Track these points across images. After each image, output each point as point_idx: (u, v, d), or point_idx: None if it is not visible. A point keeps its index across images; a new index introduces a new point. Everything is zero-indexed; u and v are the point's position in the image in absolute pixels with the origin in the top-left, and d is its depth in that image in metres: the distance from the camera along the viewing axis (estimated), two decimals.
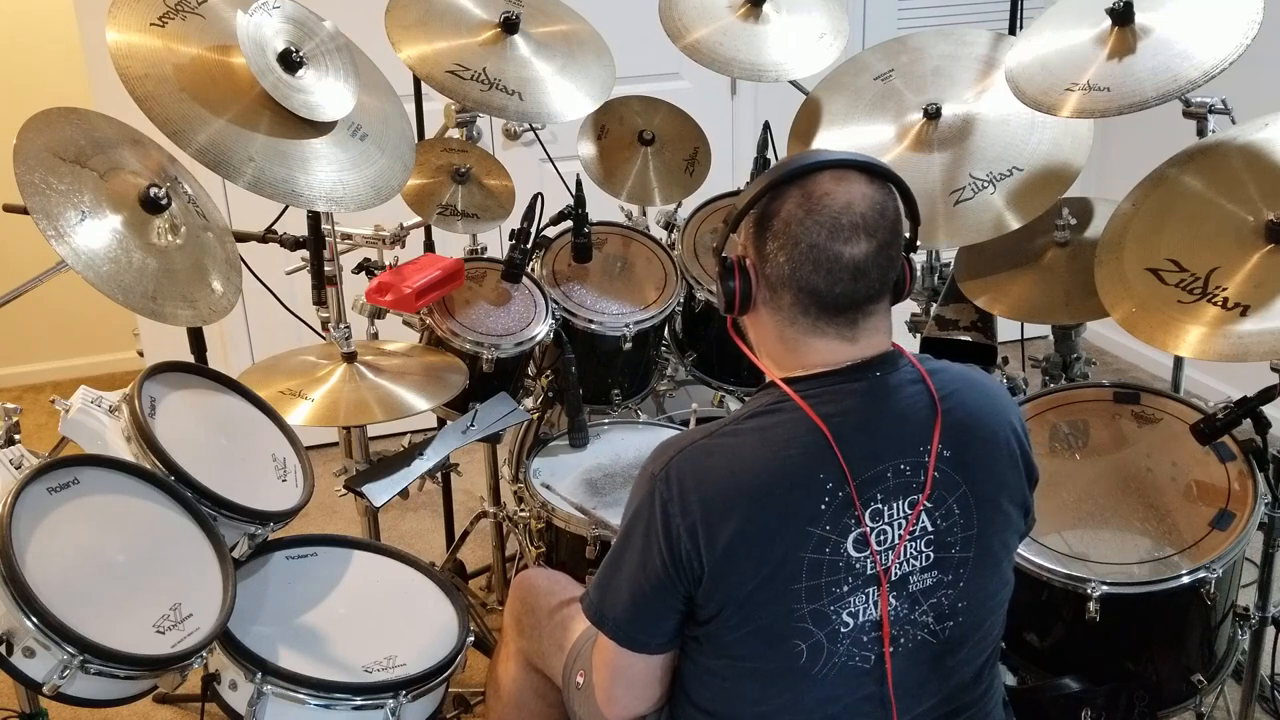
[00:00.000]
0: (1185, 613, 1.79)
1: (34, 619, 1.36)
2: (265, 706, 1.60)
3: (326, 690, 1.62)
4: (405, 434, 2.73)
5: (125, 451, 1.61)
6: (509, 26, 2.30)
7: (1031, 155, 2.13)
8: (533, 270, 2.43)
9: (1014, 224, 2.07)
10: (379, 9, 2.22)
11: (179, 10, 1.77)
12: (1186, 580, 1.72)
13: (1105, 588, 1.72)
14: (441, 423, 2.36)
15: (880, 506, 1.31)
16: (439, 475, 2.66)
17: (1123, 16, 1.91)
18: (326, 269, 2.15)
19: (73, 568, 1.46)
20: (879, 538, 1.31)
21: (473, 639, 1.82)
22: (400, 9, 2.24)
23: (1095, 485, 1.91)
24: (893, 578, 1.33)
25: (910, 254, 1.39)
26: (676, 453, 1.33)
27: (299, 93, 1.81)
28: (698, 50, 2.38)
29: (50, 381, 4.09)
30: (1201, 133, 1.99)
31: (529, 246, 2.29)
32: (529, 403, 2.43)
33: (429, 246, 2.58)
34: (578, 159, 2.59)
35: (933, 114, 2.22)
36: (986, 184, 2.12)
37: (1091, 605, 1.71)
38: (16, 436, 1.62)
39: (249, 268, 2.03)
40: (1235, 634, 1.91)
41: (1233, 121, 1.93)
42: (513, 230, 2.29)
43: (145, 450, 1.61)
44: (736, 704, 1.38)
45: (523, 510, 2.30)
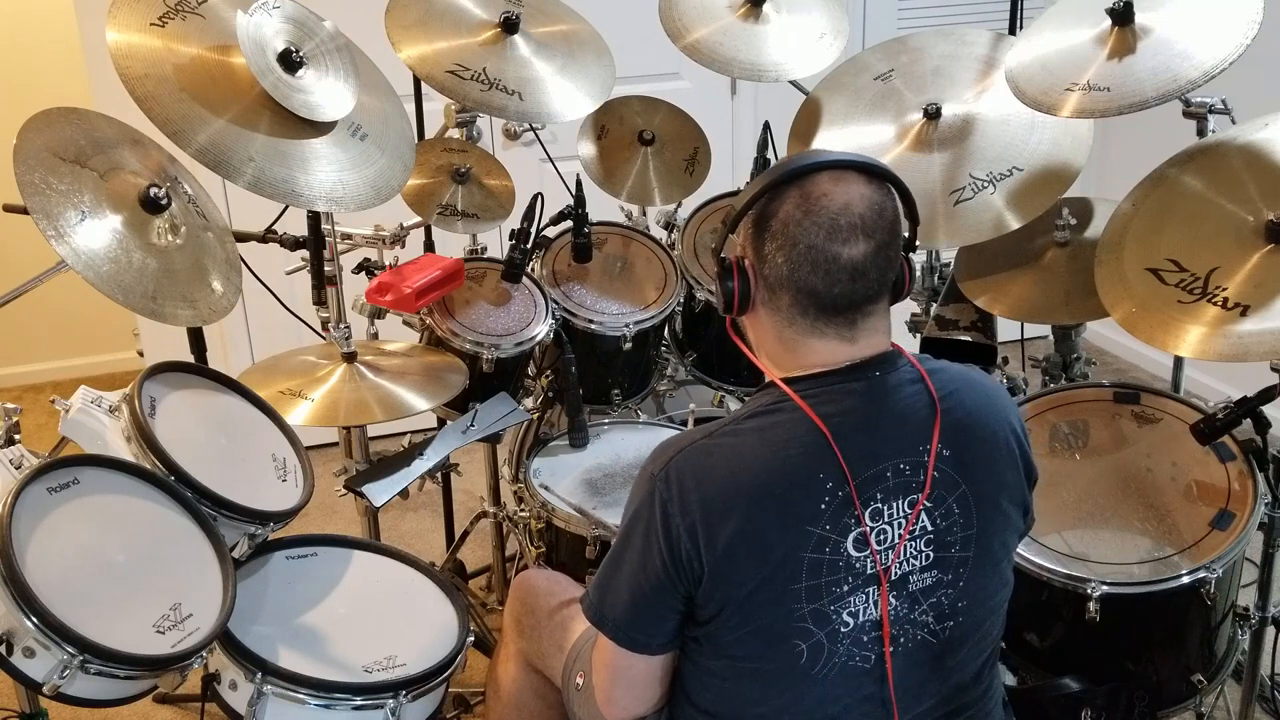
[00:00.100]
0: (1185, 613, 1.79)
1: (34, 619, 1.36)
2: (265, 706, 1.60)
3: (326, 690, 1.62)
4: (405, 434, 2.73)
5: (125, 451, 1.61)
6: (509, 26, 2.30)
7: (1031, 155, 2.13)
8: (533, 270, 2.43)
9: (1014, 224, 2.07)
10: (379, 9, 2.22)
11: (179, 10, 1.77)
12: (1186, 580, 1.72)
13: (1105, 588, 1.72)
14: (441, 423, 2.36)
15: (880, 506, 1.31)
16: (439, 475, 2.66)
17: (1123, 16, 1.91)
18: (326, 269, 2.15)
19: (73, 568, 1.46)
20: (879, 537, 1.31)
21: (473, 639, 1.82)
22: (400, 9, 2.24)
23: (1095, 485, 1.91)
24: (893, 577, 1.33)
25: (909, 254, 1.39)
26: (676, 453, 1.33)
27: (299, 93, 1.81)
28: (698, 50, 2.38)
29: (50, 381, 4.09)
30: (1201, 133, 1.99)
31: (529, 246, 2.29)
32: (529, 403, 2.43)
33: (429, 246, 2.58)
34: (578, 159, 2.59)
35: (933, 114, 2.22)
36: (986, 184, 2.12)
37: (1091, 605, 1.71)
38: (16, 436, 1.62)
39: (249, 268, 2.03)
40: (1235, 634, 1.91)
41: (1233, 121, 1.93)
42: (513, 230, 2.29)
43: (145, 450, 1.61)
44: (737, 704, 1.38)
45: (523, 510, 2.30)
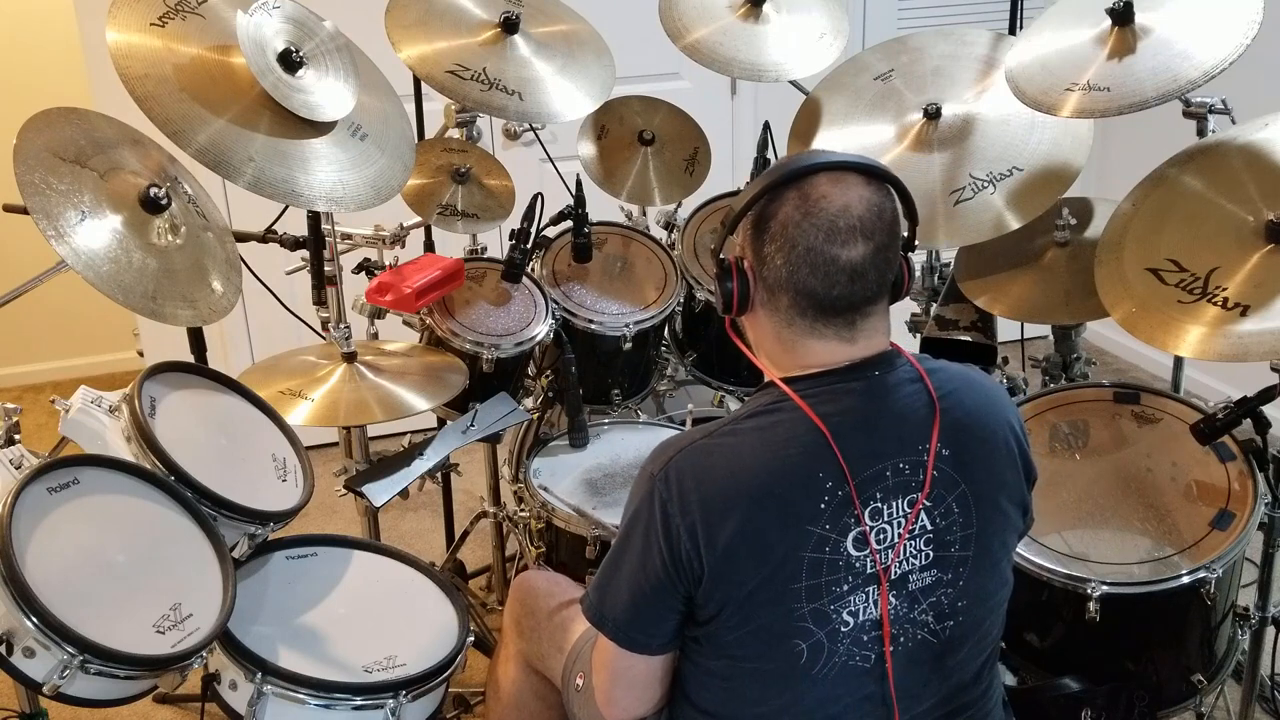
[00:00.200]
0: (1185, 613, 1.79)
1: (34, 619, 1.36)
2: (265, 706, 1.60)
3: (326, 690, 1.62)
4: (405, 434, 2.73)
5: (125, 451, 1.61)
6: (509, 26, 2.30)
7: (1031, 155, 2.13)
8: (533, 270, 2.43)
9: (1014, 224, 2.07)
10: (379, 9, 2.22)
11: (179, 10, 1.77)
12: (1186, 580, 1.72)
13: (1105, 588, 1.72)
14: (441, 423, 2.36)
15: (879, 505, 1.31)
16: (439, 475, 2.66)
17: (1123, 16, 1.91)
18: (326, 269, 2.15)
19: (73, 568, 1.46)
20: (878, 536, 1.31)
21: (473, 639, 1.82)
22: (400, 9, 2.24)
23: (1095, 485, 1.91)
24: (892, 576, 1.33)
25: (908, 254, 1.39)
26: (676, 453, 1.33)
27: (299, 93, 1.81)
28: (698, 50, 2.38)
29: (50, 381, 4.09)
30: (1201, 133, 1.99)
31: (529, 246, 2.29)
32: (529, 403, 2.43)
33: (429, 246, 2.58)
34: (578, 159, 2.59)
35: (933, 114, 2.22)
36: (986, 184, 2.12)
37: (1091, 605, 1.71)
38: (16, 436, 1.62)
39: (249, 268, 2.03)
40: (1235, 634, 1.91)
41: (1233, 121, 1.93)
42: (513, 230, 2.29)
43: (145, 450, 1.61)
44: (737, 705, 1.38)
45: (523, 510, 2.30)
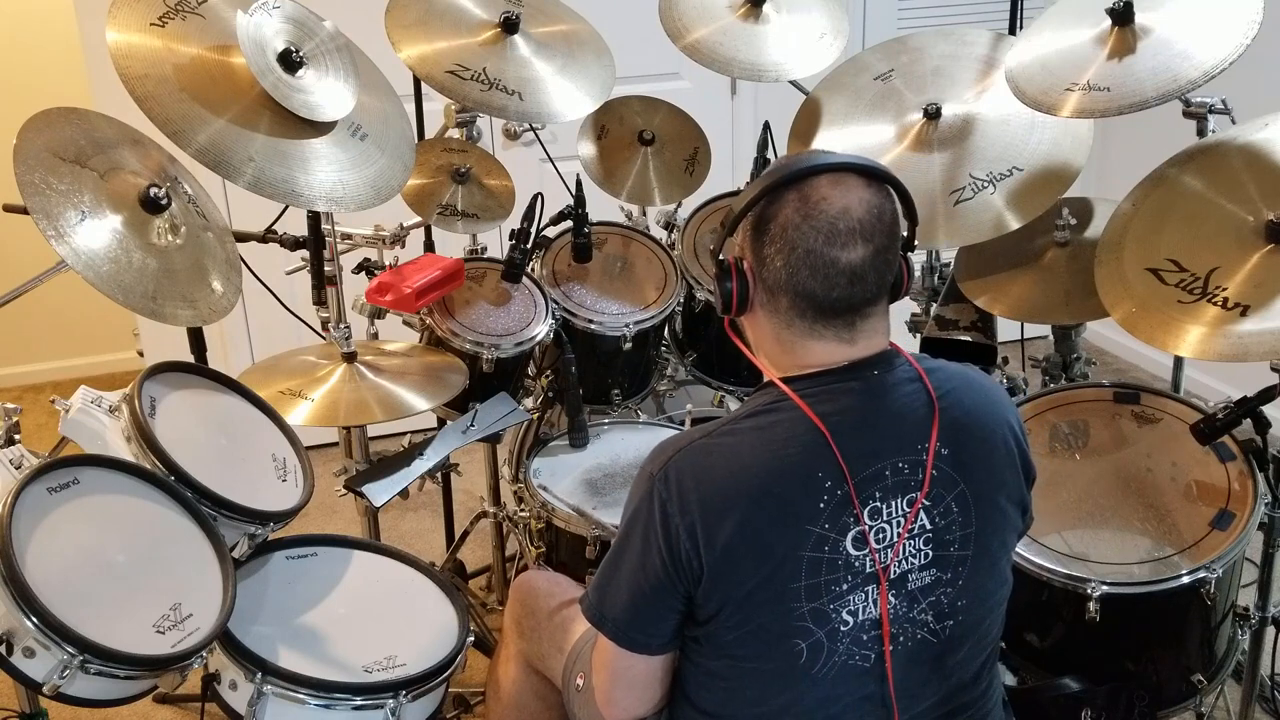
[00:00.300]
0: (1185, 613, 1.79)
1: (34, 619, 1.36)
2: (265, 706, 1.60)
3: (326, 690, 1.62)
4: (405, 434, 2.73)
5: (125, 451, 1.61)
6: (509, 26, 2.30)
7: (1031, 155, 2.13)
8: (533, 270, 2.43)
9: (1014, 224, 2.07)
10: (379, 9, 2.22)
11: (179, 10, 1.77)
12: (1186, 580, 1.72)
13: (1105, 588, 1.72)
14: (441, 423, 2.36)
15: (879, 505, 1.31)
16: (439, 475, 2.66)
17: (1123, 16, 1.91)
18: (326, 269, 2.15)
19: (73, 568, 1.46)
20: (877, 536, 1.31)
21: (473, 639, 1.82)
22: (400, 9, 2.24)
23: (1095, 485, 1.91)
24: (891, 576, 1.33)
25: (908, 253, 1.39)
26: (675, 452, 1.33)
27: (299, 93, 1.81)
28: (698, 50, 2.38)
29: (50, 381, 4.09)
30: (1201, 133, 1.99)
31: (529, 246, 2.29)
32: (529, 403, 2.43)
33: (429, 246, 2.58)
34: (578, 159, 2.59)
35: (933, 114, 2.22)
36: (986, 184, 2.12)
37: (1091, 605, 1.71)
38: (16, 436, 1.62)
39: (249, 268, 2.03)
40: (1235, 634, 1.90)
41: (1233, 121, 1.93)
42: (513, 230, 2.29)
43: (145, 450, 1.61)
44: (737, 705, 1.38)
45: (523, 510, 2.30)
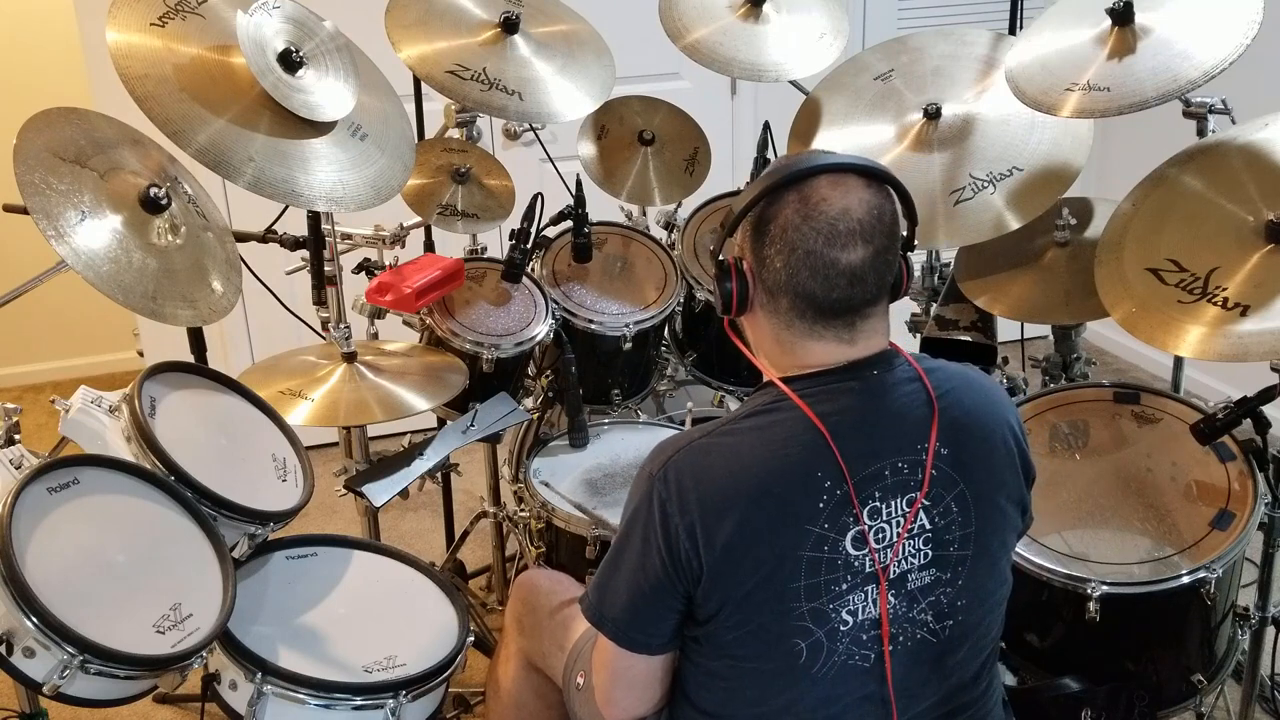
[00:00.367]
0: (1185, 613, 1.79)
1: (34, 619, 1.36)
2: (265, 706, 1.60)
3: (326, 690, 1.62)
4: (405, 434, 2.73)
5: (125, 451, 1.61)
6: (509, 26, 2.30)
7: (1031, 155, 2.13)
8: (533, 270, 2.43)
9: (1014, 224, 2.07)
10: (379, 9, 2.22)
11: (179, 10, 1.77)
12: (1186, 580, 1.72)
13: (1105, 588, 1.72)
14: (441, 423, 2.36)
15: (878, 504, 1.31)
16: (439, 475, 2.66)
17: (1123, 16, 1.91)
18: (326, 269, 2.15)
19: (73, 568, 1.46)
20: (877, 536, 1.31)
21: (473, 639, 1.82)
22: (400, 9, 2.24)
23: (1095, 485, 1.91)
24: (891, 576, 1.33)
25: (908, 253, 1.39)
26: (675, 452, 1.33)
27: (299, 93, 1.81)
28: (698, 50, 2.38)
29: (50, 381, 4.09)
30: (1201, 133, 1.99)
31: (529, 246, 2.29)
32: (529, 403, 2.43)
33: (429, 246, 2.58)
34: (578, 159, 2.59)
35: (933, 114, 2.22)
36: (986, 184, 2.12)
37: (1091, 605, 1.71)
38: (16, 436, 1.62)
39: (249, 268, 2.03)
40: (1235, 634, 1.90)
41: (1233, 121, 1.93)
42: (513, 230, 2.29)
43: (145, 450, 1.61)
44: (736, 705, 1.38)
45: (523, 510, 2.30)
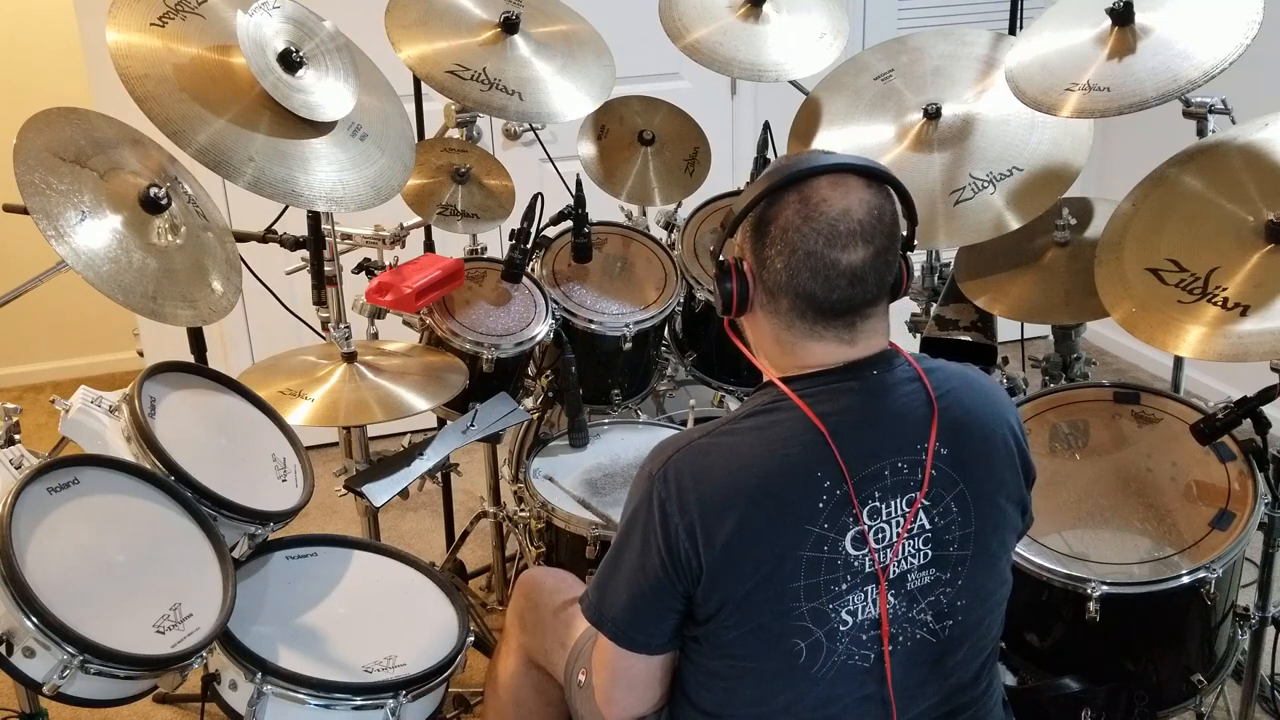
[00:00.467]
0: (1185, 613, 1.79)
1: (34, 619, 1.36)
2: (265, 706, 1.60)
3: (326, 690, 1.62)
4: (405, 434, 2.73)
5: (125, 451, 1.61)
6: (509, 26, 2.30)
7: (1031, 155, 2.13)
8: (533, 270, 2.43)
9: (1014, 224, 2.07)
10: (379, 9, 2.22)
11: (179, 10, 1.77)
12: (1186, 580, 1.72)
13: (1105, 588, 1.72)
14: (441, 423, 2.36)
15: (878, 504, 1.31)
16: (439, 475, 2.66)
17: (1123, 16, 1.91)
18: (326, 269, 2.15)
19: (73, 568, 1.46)
20: (877, 536, 1.31)
21: (473, 639, 1.82)
22: (400, 9, 2.24)
23: (1095, 485, 1.91)
24: (891, 576, 1.33)
25: (908, 253, 1.39)
26: (674, 452, 1.33)
27: (299, 93, 1.81)
28: (698, 50, 2.38)
29: (50, 381, 4.09)
30: (1201, 133, 1.99)
31: (529, 246, 2.29)
32: (529, 403, 2.43)
33: (429, 246, 2.58)
34: (578, 159, 2.59)
35: (933, 114, 2.22)
36: (986, 184, 2.12)
37: (1091, 605, 1.71)
38: (16, 436, 1.62)
39: (249, 268, 2.03)
40: (1235, 634, 1.90)
41: (1233, 121, 1.93)
42: (513, 230, 2.29)
43: (145, 450, 1.61)
44: (736, 705, 1.38)
45: (523, 510, 2.30)
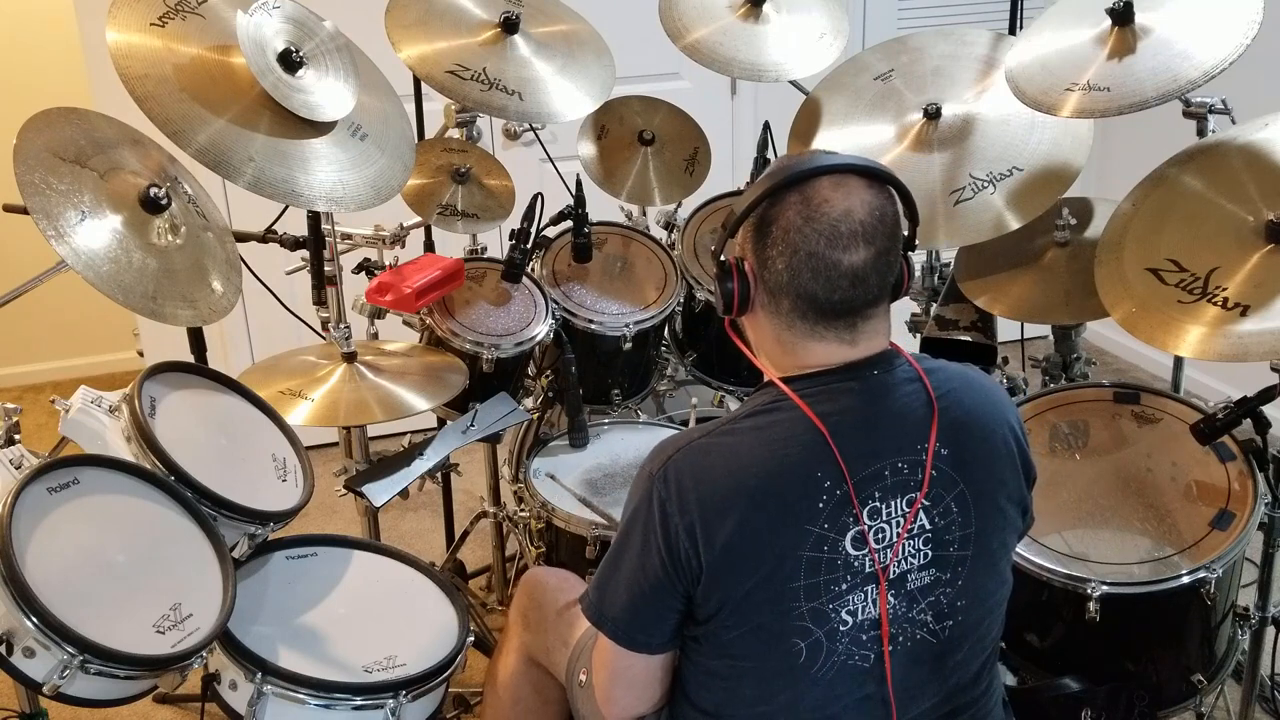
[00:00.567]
0: (1185, 613, 1.79)
1: (34, 619, 1.36)
2: (265, 706, 1.60)
3: (326, 690, 1.62)
4: (405, 434, 2.73)
5: (125, 451, 1.61)
6: (509, 26, 2.30)
7: (1031, 155, 2.13)
8: (533, 270, 2.43)
9: (1014, 224, 2.07)
10: (379, 9, 2.22)
11: (179, 10, 1.77)
12: (1186, 580, 1.72)
13: (1105, 588, 1.72)
14: (441, 423, 2.36)
15: (878, 505, 1.31)
16: (439, 475, 2.66)
17: (1123, 16, 1.91)
18: (326, 269, 2.15)
19: (73, 568, 1.46)
20: (877, 536, 1.31)
21: (473, 639, 1.82)
22: (400, 9, 2.24)
23: (1095, 485, 1.91)
24: (891, 576, 1.33)
25: (908, 253, 1.39)
26: (674, 452, 1.33)
27: (299, 93, 1.81)
28: (698, 50, 2.38)
29: (50, 381, 4.09)
30: (1201, 133, 1.99)
31: (529, 246, 2.29)
32: (529, 403, 2.43)
33: (429, 246, 2.58)
34: (578, 159, 2.59)
35: (933, 114, 2.22)
36: (986, 184, 2.12)
37: (1091, 605, 1.71)
38: (16, 436, 1.62)
39: (249, 268, 2.03)
40: (1235, 634, 1.90)
41: (1233, 121, 1.93)
42: (513, 230, 2.29)
43: (145, 450, 1.61)
44: (736, 705, 1.38)
45: (523, 510, 2.30)
